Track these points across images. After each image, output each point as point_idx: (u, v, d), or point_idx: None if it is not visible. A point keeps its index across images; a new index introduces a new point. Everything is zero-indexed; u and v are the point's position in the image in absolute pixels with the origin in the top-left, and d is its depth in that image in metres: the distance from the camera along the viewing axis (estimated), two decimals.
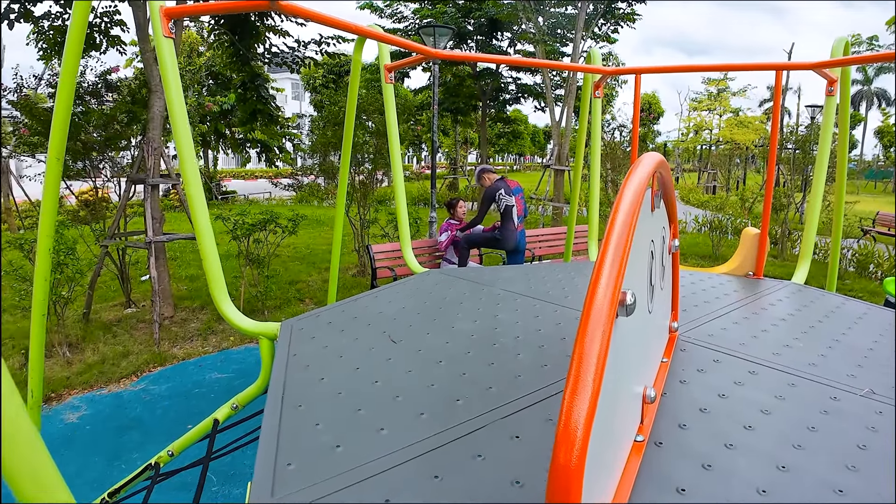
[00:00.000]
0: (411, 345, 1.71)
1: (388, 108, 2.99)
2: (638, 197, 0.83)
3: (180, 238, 7.58)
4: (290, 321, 2.00)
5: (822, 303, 2.42)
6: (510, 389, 1.39)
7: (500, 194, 6.75)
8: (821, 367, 1.62)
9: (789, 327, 2.01)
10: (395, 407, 1.32)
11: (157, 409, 5.40)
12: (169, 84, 2.04)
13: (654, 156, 0.97)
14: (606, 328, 0.69)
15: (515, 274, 2.68)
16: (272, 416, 1.30)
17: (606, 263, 0.73)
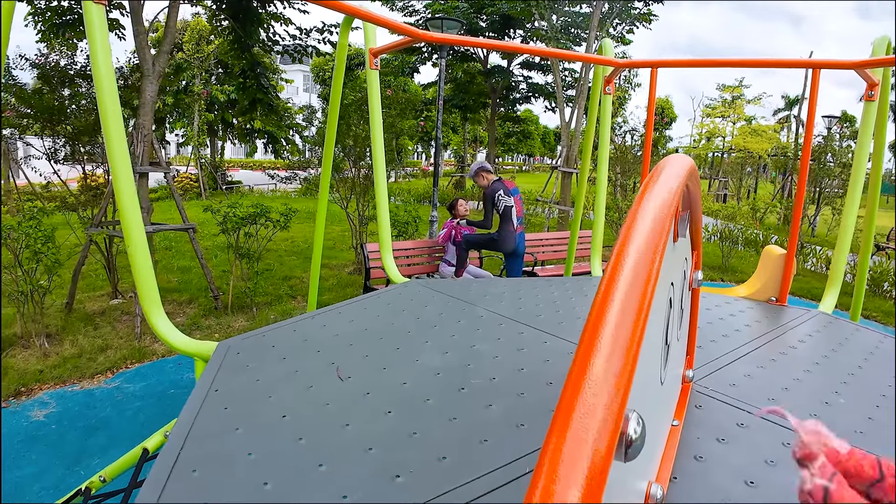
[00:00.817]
0: (361, 383, 1.38)
1: (371, 95, 2.66)
2: (658, 237, 0.50)
3: (168, 229, 7.29)
4: (227, 342, 1.68)
5: (858, 340, 2.07)
6: (471, 461, 1.06)
7: (500, 195, 6.48)
8: (870, 435, 1.29)
9: (825, 373, 1.67)
10: (315, 481, 1.00)
11: (127, 409, 5.10)
12: (97, 58, 1.72)
13: (681, 160, 0.65)
14: (592, 478, 0.36)
15: (506, 290, 2.35)
16: (153, 487, 0.97)
17: (595, 375, 0.40)
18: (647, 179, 0.60)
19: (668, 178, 0.59)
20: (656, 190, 0.56)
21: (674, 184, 0.59)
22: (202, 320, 7.08)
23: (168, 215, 13.27)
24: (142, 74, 7.20)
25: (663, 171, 0.60)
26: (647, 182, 0.59)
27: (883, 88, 2.78)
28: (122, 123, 1.77)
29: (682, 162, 0.65)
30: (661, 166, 0.63)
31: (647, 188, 0.56)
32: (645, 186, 0.57)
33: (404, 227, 8.59)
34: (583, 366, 0.40)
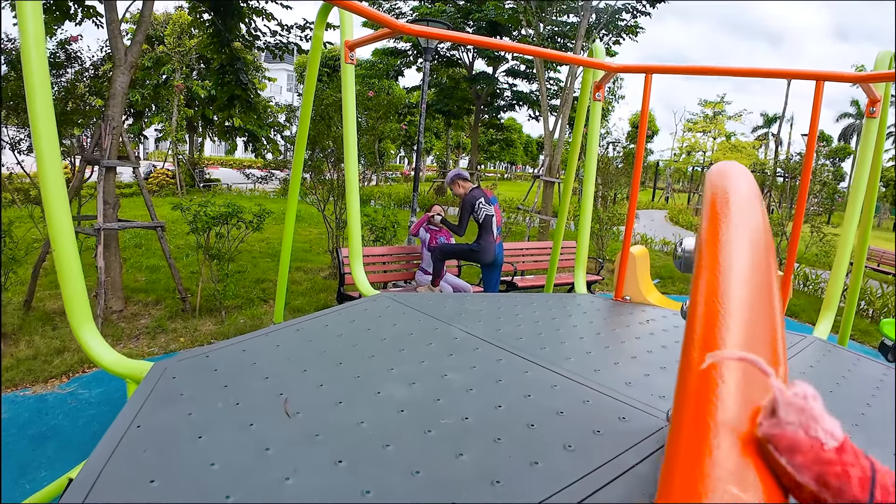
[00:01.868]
0: (311, 421, 1.18)
1: (345, 92, 2.46)
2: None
3: (135, 226, 6.99)
4: (164, 363, 1.47)
5: (861, 373, 1.92)
6: None
7: (480, 203, 6.21)
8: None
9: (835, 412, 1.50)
10: None
11: (80, 417, 4.81)
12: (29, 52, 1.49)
13: (741, 170, 0.47)
14: None
15: (484, 307, 2.16)
16: None
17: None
18: (711, 196, 0.42)
19: (749, 195, 0.42)
20: (741, 213, 0.39)
21: (757, 205, 0.41)
22: (168, 323, 6.79)
23: (140, 212, 12.91)
24: (113, 64, 6.91)
25: (737, 187, 0.43)
26: (714, 200, 0.41)
27: (883, 105, 2.66)
28: (51, 110, 1.55)
29: (745, 174, 0.47)
30: (724, 179, 0.45)
31: (723, 210, 0.39)
32: (714, 207, 0.39)
33: (382, 232, 8.37)
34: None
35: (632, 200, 2.69)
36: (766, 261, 0.42)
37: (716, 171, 0.49)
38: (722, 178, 0.45)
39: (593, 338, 1.92)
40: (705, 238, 0.42)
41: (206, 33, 9.44)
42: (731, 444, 0.39)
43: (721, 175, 0.46)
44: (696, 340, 0.42)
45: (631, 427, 1.25)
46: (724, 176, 0.46)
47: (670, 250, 16.14)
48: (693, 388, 0.39)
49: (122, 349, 6.13)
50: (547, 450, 1.11)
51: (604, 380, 1.51)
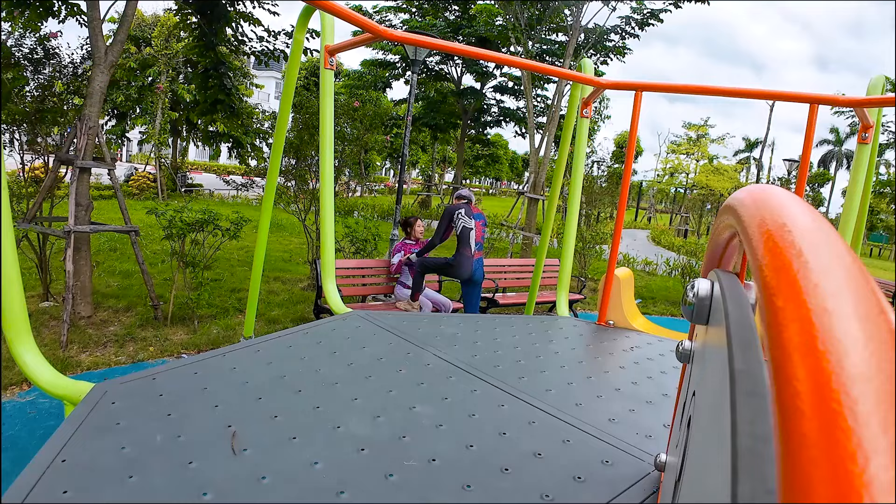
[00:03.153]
0: (259, 460, 1.05)
1: (322, 98, 2.35)
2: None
3: (108, 230, 6.79)
4: (104, 385, 1.33)
5: None
6: None
7: (459, 214, 6.09)
8: None
9: None
10: None
11: (39, 428, 4.59)
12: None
13: (786, 194, 0.37)
14: None
15: (461, 329, 2.04)
16: None
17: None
18: (764, 234, 0.31)
19: (819, 226, 0.31)
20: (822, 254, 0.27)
21: (837, 238, 0.30)
22: (138, 331, 6.58)
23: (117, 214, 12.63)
24: (93, 62, 6.74)
25: (795, 217, 0.32)
26: (770, 239, 0.30)
27: (875, 130, 2.61)
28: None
29: (797, 200, 0.37)
30: (772, 209, 0.34)
31: (793, 253, 0.28)
32: (778, 251, 0.28)
33: (363, 245, 8.23)
34: None
35: (618, 222, 2.60)
36: (888, 321, 0.27)
37: (750, 200, 0.38)
38: (765, 208, 0.34)
39: (575, 367, 1.82)
40: (782, 299, 0.28)
41: (192, 36, 9.31)
42: None
43: (760, 203, 0.36)
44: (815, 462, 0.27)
45: (615, 473, 1.13)
46: (765, 205, 0.35)
47: (652, 270, 16.17)
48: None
49: (87, 357, 5.91)
50: (522, 501, 0.99)
51: (586, 416, 1.40)
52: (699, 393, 0.62)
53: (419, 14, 19.30)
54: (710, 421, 0.50)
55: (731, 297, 0.52)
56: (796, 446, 0.20)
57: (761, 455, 0.31)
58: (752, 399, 0.36)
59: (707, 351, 0.60)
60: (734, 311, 0.48)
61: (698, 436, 0.55)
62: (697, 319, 0.63)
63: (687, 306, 0.63)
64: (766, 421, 0.34)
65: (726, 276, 0.61)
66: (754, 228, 0.34)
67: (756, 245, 0.32)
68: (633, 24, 14.19)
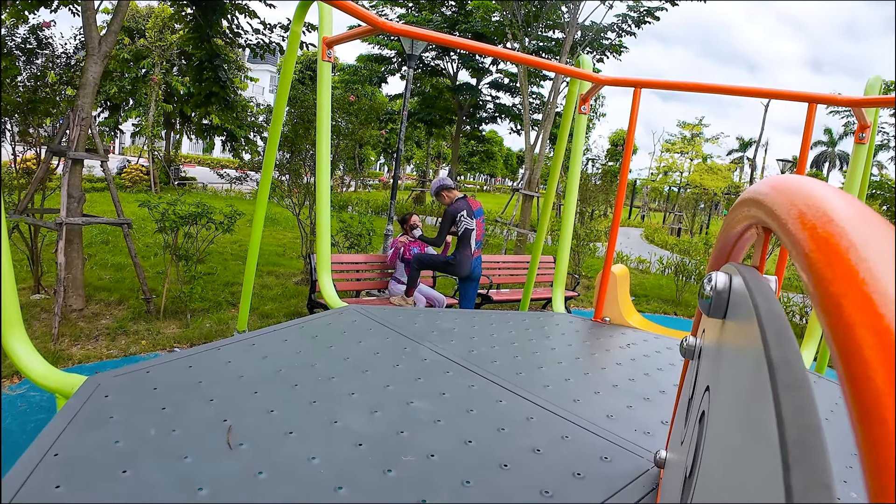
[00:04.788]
0: (255, 455, 1.04)
1: (320, 91, 2.33)
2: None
3: (100, 222, 6.74)
4: (97, 378, 1.31)
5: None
6: None
7: (462, 216, 6.08)
8: None
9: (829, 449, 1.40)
10: None
11: (29, 422, 4.56)
12: None
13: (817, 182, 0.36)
14: None
15: (457, 324, 2.03)
16: None
17: None
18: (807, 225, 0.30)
19: (863, 212, 0.30)
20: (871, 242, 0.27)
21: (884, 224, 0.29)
22: (130, 324, 6.54)
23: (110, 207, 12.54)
24: (86, 53, 6.68)
25: (834, 205, 0.31)
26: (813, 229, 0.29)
27: (872, 130, 2.61)
28: None
29: (834, 189, 0.36)
30: (808, 199, 0.33)
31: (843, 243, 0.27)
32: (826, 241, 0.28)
33: (357, 240, 8.21)
34: None
35: (615, 219, 2.60)
36: None
37: (778, 193, 0.37)
38: (800, 200, 0.33)
39: (572, 363, 1.81)
40: (843, 291, 0.27)
41: (187, 28, 9.24)
42: None
43: (793, 195, 0.34)
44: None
45: (614, 469, 1.13)
46: (799, 196, 0.34)
47: (646, 268, 16.21)
48: None
49: (79, 350, 5.87)
50: (521, 497, 0.98)
51: (584, 412, 1.40)
52: (716, 388, 0.61)
53: (415, 9, 19.22)
54: (737, 416, 0.49)
55: (758, 290, 0.51)
56: (882, 436, 0.19)
57: (812, 446, 0.31)
58: (795, 391, 0.36)
59: (725, 345, 0.59)
60: (763, 304, 0.47)
61: (719, 431, 0.54)
62: (715, 313, 0.62)
63: (704, 300, 0.62)
64: (813, 413, 0.34)
65: (747, 270, 0.60)
66: (794, 221, 0.33)
67: (799, 238, 0.32)
68: (630, 21, 14.19)
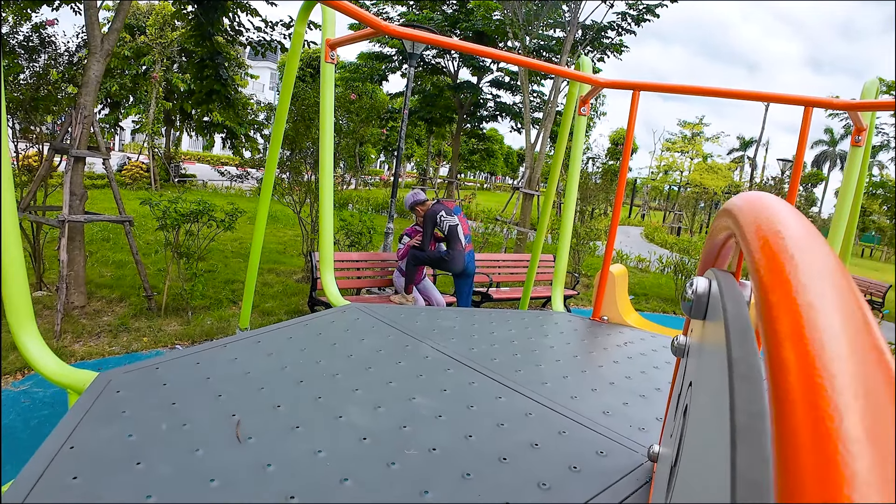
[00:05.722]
0: (263, 448, 1.08)
1: (323, 91, 2.36)
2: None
3: (102, 220, 6.78)
4: (108, 374, 1.35)
5: None
6: None
7: (441, 216, 6.24)
8: None
9: None
10: None
11: (33, 418, 4.60)
12: None
13: (782, 204, 0.40)
14: None
15: (458, 323, 2.07)
16: None
17: None
18: (760, 238, 0.34)
19: (809, 233, 0.34)
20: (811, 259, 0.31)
21: (825, 245, 0.33)
22: (131, 321, 6.57)
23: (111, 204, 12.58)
24: (89, 51, 6.71)
25: (788, 224, 0.35)
26: (766, 243, 0.33)
27: (868, 133, 2.64)
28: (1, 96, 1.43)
29: (789, 208, 0.40)
30: (766, 216, 0.37)
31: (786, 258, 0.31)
32: (773, 255, 0.32)
33: (358, 238, 8.25)
34: None
35: (614, 220, 2.63)
36: (863, 315, 0.31)
37: (747, 207, 0.41)
38: (761, 215, 0.37)
39: (570, 360, 1.85)
40: (776, 296, 0.32)
41: (188, 25, 9.27)
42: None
43: (757, 210, 0.39)
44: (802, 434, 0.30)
45: (609, 463, 1.17)
46: (761, 212, 0.38)
47: (645, 267, 16.25)
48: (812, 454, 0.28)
49: (81, 347, 5.91)
50: (520, 488, 1.02)
51: (581, 408, 1.44)
52: (696, 383, 0.65)
53: (416, 7, 19.23)
54: (707, 407, 0.53)
55: (729, 294, 0.56)
56: (787, 415, 0.24)
57: (757, 429, 0.35)
58: (747, 382, 0.40)
59: (704, 344, 0.63)
60: (731, 307, 0.52)
61: (696, 422, 0.58)
62: (695, 314, 0.66)
63: (686, 302, 0.66)
64: (760, 401, 0.38)
65: (723, 275, 0.64)
66: (752, 233, 0.37)
67: (753, 248, 0.36)
68: (629, 19, 14.21)
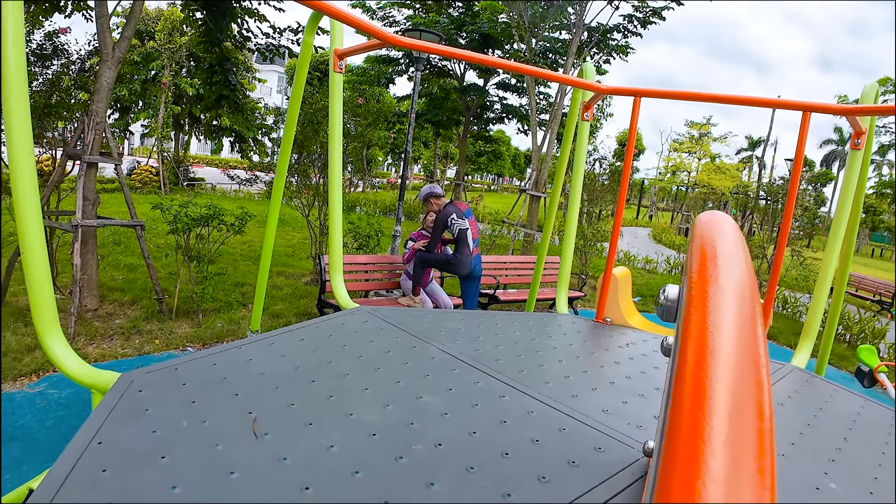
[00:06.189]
0: (279, 444, 1.14)
1: (332, 100, 2.44)
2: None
3: (114, 224, 6.88)
4: (131, 374, 1.42)
5: (838, 405, 1.93)
6: None
7: (453, 219, 6.33)
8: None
9: (811, 447, 1.50)
10: None
11: (48, 419, 4.69)
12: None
13: (729, 223, 0.47)
14: None
15: (464, 325, 2.13)
16: None
17: None
18: (700, 246, 0.41)
19: (736, 248, 0.41)
20: (728, 266, 0.38)
21: (743, 258, 0.40)
22: (143, 324, 6.67)
23: (121, 208, 12.73)
24: (100, 59, 6.82)
25: (724, 238, 0.42)
26: (703, 251, 0.40)
27: (868, 137, 2.68)
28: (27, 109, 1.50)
29: (732, 225, 0.46)
30: (712, 230, 0.44)
31: (711, 263, 0.38)
32: (703, 260, 0.39)
33: (366, 241, 8.33)
34: None
35: (616, 223, 2.69)
36: (752, 313, 0.41)
37: (704, 222, 0.48)
38: (710, 229, 0.44)
39: (572, 361, 1.91)
40: (694, 290, 0.40)
41: (197, 31, 9.39)
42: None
43: (709, 226, 0.45)
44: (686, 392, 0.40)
45: (606, 458, 1.23)
46: (711, 227, 0.45)
47: (653, 268, 16.25)
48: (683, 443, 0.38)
49: (94, 349, 6.01)
50: (521, 481, 1.08)
51: (581, 407, 1.49)
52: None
53: (423, 10, 19.33)
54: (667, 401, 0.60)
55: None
56: (679, 378, 0.31)
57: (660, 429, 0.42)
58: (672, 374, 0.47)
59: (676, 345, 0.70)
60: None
61: None
62: (667, 318, 0.72)
63: (659, 307, 0.72)
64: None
65: None
66: (695, 243, 0.44)
67: (692, 256, 0.42)
68: (636, 21, 14.25)
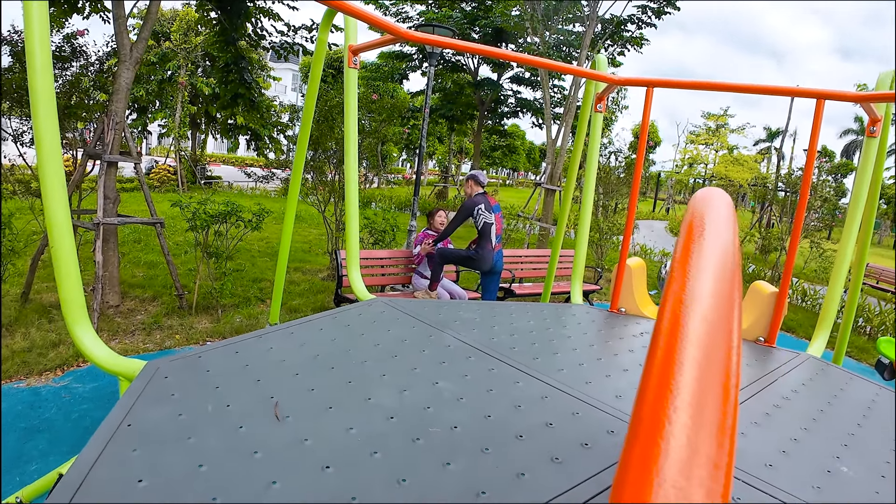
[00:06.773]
0: (300, 426, 1.18)
1: (347, 96, 2.47)
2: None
3: (135, 222, 6.99)
4: (156, 363, 1.47)
5: (853, 393, 1.93)
6: None
7: (480, 209, 6.18)
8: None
9: (824, 433, 1.51)
10: None
11: (73, 412, 4.81)
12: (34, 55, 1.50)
13: (722, 196, 0.49)
14: None
15: (479, 315, 2.16)
16: None
17: None
18: (690, 219, 0.44)
19: (725, 219, 0.44)
20: (714, 236, 0.41)
21: (730, 229, 0.43)
22: (164, 319, 6.79)
23: (140, 207, 12.93)
24: (118, 59, 6.93)
25: (714, 211, 0.44)
26: (691, 222, 0.43)
27: (884, 125, 2.67)
28: (54, 108, 1.55)
29: (725, 199, 0.49)
30: (705, 203, 0.46)
31: (698, 232, 0.41)
32: (690, 230, 0.42)
33: (381, 235, 8.38)
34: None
35: (629, 214, 2.70)
36: (730, 281, 0.44)
37: (699, 196, 0.51)
38: (702, 203, 0.46)
39: (586, 349, 1.93)
40: (678, 257, 0.43)
41: (212, 31, 9.49)
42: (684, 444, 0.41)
43: (702, 200, 0.48)
44: (661, 349, 0.44)
45: (618, 440, 1.25)
46: (704, 201, 0.47)
47: None
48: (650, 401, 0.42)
49: (117, 344, 6.13)
50: (534, 462, 1.11)
51: (594, 392, 1.52)
52: None
53: (435, 6, 19.32)
54: None
55: None
56: (655, 348, 0.33)
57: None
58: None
59: None
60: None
61: None
62: None
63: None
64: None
65: None
66: (686, 216, 0.47)
67: (683, 227, 0.45)
68: (650, 12, 14.13)
